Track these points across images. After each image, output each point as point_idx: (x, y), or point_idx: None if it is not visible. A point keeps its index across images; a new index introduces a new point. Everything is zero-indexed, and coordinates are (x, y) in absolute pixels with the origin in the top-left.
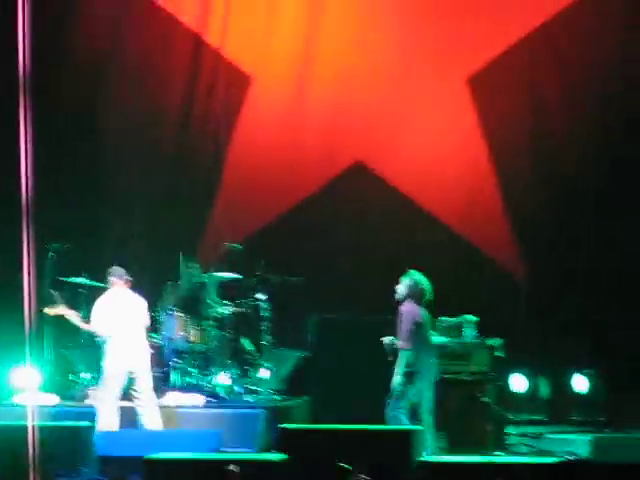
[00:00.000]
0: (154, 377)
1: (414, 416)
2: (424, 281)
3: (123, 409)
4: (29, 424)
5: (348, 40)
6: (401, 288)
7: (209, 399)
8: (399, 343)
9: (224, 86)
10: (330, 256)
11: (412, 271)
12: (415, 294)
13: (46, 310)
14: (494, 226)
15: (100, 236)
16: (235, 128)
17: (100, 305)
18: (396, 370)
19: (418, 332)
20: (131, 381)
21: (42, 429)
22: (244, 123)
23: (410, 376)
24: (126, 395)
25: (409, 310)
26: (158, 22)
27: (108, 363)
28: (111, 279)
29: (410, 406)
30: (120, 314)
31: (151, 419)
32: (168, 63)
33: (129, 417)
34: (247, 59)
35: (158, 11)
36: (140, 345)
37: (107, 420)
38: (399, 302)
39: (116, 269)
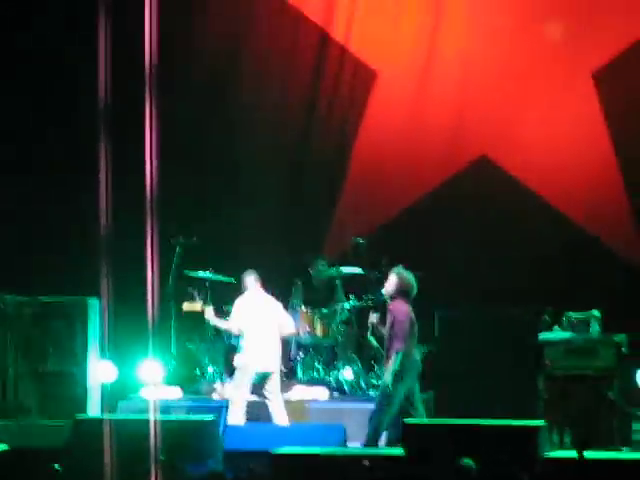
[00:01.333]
0: (280, 372)
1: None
2: (412, 277)
3: (249, 403)
4: (152, 418)
5: (473, 35)
6: (390, 285)
7: (334, 393)
8: (395, 345)
9: (350, 81)
10: (453, 250)
11: (399, 267)
12: (404, 291)
13: (185, 306)
14: (618, 219)
15: (226, 231)
16: (360, 123)
17: (238, 305)
18: (389, 369)
19: (411, 331)
20: (261, 378)
21: (167, 423)
22: (370, 118)
23: (400, 374)
24: (254, 390)
25: (402, 309)
26: (284, 18)
27: (241, 361)
28: (246, 282)
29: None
30: (256, 315)
31: (278, 415)
32: (294, 59)
33: (255, 411)
34: (373, 54)
35: (284, 7)
36: (273, 346)
37: (235, 415)
38: (387, 300)
39: (250, 272)
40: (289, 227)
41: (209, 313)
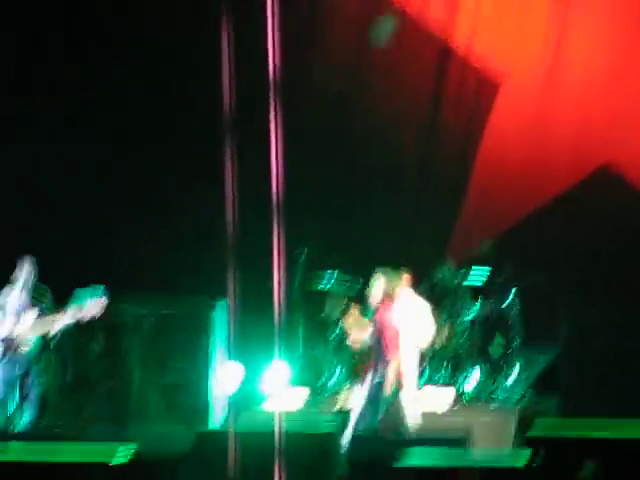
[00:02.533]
0: None
1: None
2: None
3: None
4: (276, 430)
5: (598, 40)
6: (377, 291)
7: (458, 400)
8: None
9: (473, 89)
10: (579, 256)
11: (383, 271)
12: (391, 295)
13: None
14: None
15: (350, 237)
16: (484, 130)
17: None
18: (389, 378)
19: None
20: None
21: (291, 435)
22: (493, 125)
23: None
24: None
25: (392, 315)
26: (405, 28)
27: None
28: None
29: None
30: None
31: None
32: (416, 68)
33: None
34: (497, 60)
35: (404, 17)
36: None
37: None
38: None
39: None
40: (412, 234)
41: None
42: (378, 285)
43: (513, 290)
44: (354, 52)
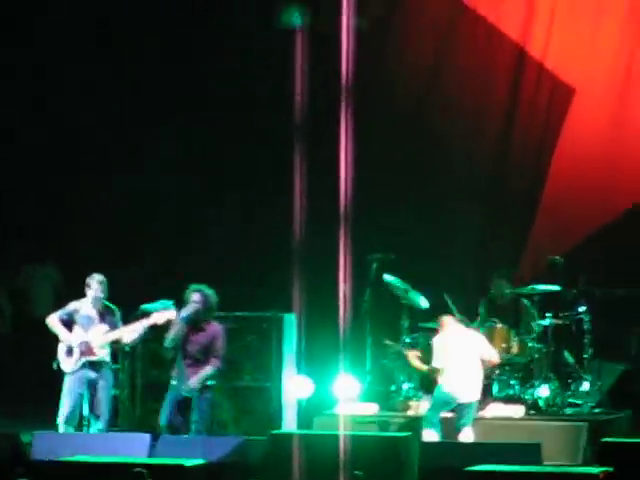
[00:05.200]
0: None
1: None
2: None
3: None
4: (342, 433)
5: None
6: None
7: (530, 411)
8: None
9: (547, 98)
10: None
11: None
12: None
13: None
14: None
15: (418, 247)
16: (558, 140)
17: (439, 344)
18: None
19: None
20: (459, 408)
21: (362, 439)
22: (567, 134)
23: None
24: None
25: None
26: (480, 35)
27: (441, 393)
28: (443, 321)
29: None
30: (457, 351)
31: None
32: (491, 76)
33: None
34: (570, 70)
35: (481, 24)
36: (475, 379)
37: (429, 432)
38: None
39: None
40: (482, 245)
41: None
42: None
43: (585, 302)
44: (429, 58)
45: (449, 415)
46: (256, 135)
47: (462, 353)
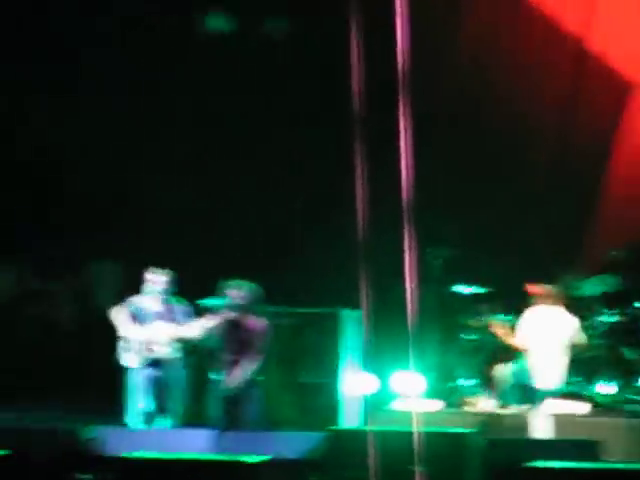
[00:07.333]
0: None
1: None
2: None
3: None
4: (414, 430)
5: None
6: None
7: (592, 408)
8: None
9: (605, 93)
10: None
11: None
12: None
13: (493, 327)
14: None
15: (484, 241)
16: (616, 135)
17: (525, 320)
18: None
19: None
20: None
21: (427, 435)
22: (626, 130)
23: None
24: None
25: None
26: (539, 29)
27: (521, 372)
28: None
29: None
30: (541, 330)
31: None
32: (549, 70)
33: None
34: (629, 65)
35: (540, 18)
36: (553, 362)
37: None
38: None
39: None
40: (539, 240)
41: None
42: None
43: None
44: (486, 51)
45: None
46: (317, 128)
47: (550, 333)
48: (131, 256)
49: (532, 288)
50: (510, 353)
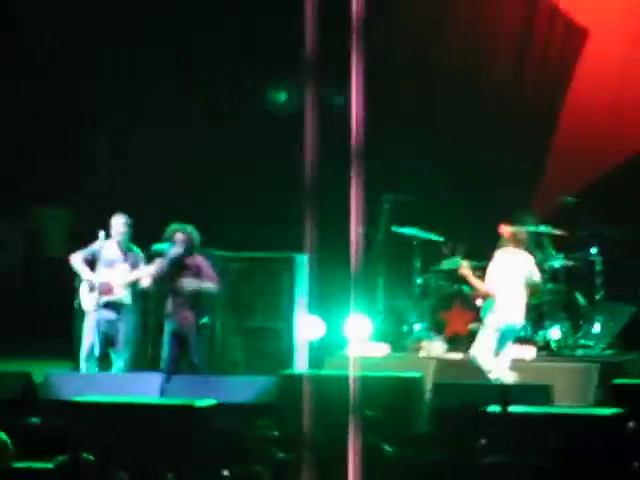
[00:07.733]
0: None
1: None
2: None
3: None
4: (352, 374)
5: None
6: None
7: (541, 352)
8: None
9: (560, 40)
10: None
11: None
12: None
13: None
14: None
15: (434, 187)
16: (570, 83)
17: (492, 267)
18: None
19: None
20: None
21: (372, 379)
22: (579, 77)
23: None
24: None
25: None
26: None
27: (493, 319)
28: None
29: None
30: (506, 273)
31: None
32: (503, 18)
33: None
34: (584, 12)
35: None
36: (518, 302)
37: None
38: None
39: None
40: (491, 184)
41: (471, 276)
42: None
43: (597, 243)
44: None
45: None
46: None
47: (514, 274)
48: (81, 202)
49: (505, 229)
50: (462, 297)
